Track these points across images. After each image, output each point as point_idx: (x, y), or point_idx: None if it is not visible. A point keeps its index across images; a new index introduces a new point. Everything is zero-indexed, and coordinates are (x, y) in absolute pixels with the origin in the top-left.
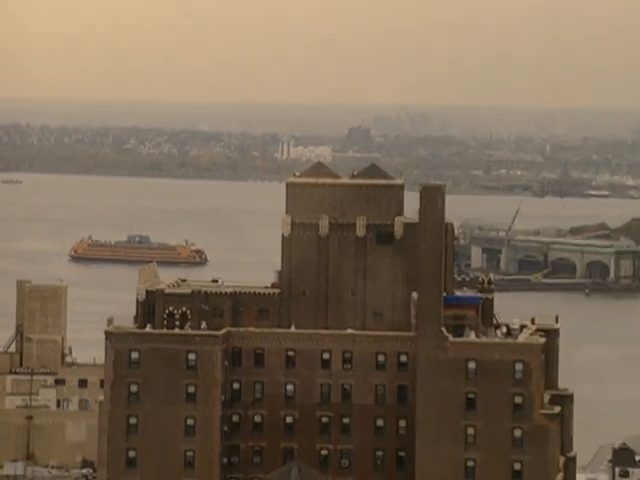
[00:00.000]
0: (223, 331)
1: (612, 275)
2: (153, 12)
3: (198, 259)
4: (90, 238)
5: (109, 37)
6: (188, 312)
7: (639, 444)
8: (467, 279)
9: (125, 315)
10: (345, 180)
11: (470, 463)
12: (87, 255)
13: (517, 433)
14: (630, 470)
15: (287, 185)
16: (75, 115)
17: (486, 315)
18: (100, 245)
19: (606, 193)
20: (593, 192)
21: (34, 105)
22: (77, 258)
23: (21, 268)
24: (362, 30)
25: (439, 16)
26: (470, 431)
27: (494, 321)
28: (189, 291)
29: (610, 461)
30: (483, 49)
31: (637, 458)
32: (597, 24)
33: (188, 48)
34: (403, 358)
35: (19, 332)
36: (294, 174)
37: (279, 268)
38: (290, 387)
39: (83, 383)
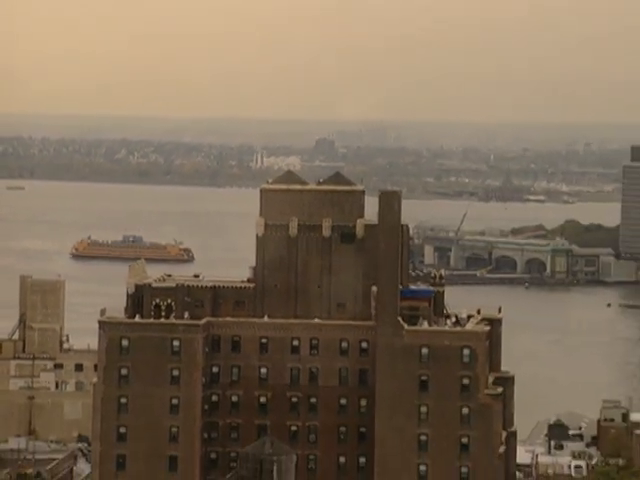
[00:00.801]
0: (204, 321)
1: (548, 271)
2: (139, 32)
3: (186, 257)
4: (89, 238)
5: (100, 58)
6: (173, 304)
7: (572, 420)
8: (420, 274)
9: (117, 306)
10: (312, 186)
11: (423, 437)
12: (87, 253)
13: (464, 411)
14: (564, 443)
15: (261, 191)
16: (72, 128)
17: (437, 306)
18: (98, 244)
19: (543, 198)
20: (531, 197)
21: (35, 120)
22: (78, 256)
23: (24, 265)
24: (328, 52)
25: (394, 40)
26: (423, 409)
27: (444, 312)
28: (174, 285)
29: (546, 435)
30: (435, 68)
31: (570, 432)
32: (538, 45)
33: (172, 66)
34: (364, 345)
35: (22, 321)
36: (267, 181)
37: (254, 264)
38: (263, 370)
39: (79, 367)
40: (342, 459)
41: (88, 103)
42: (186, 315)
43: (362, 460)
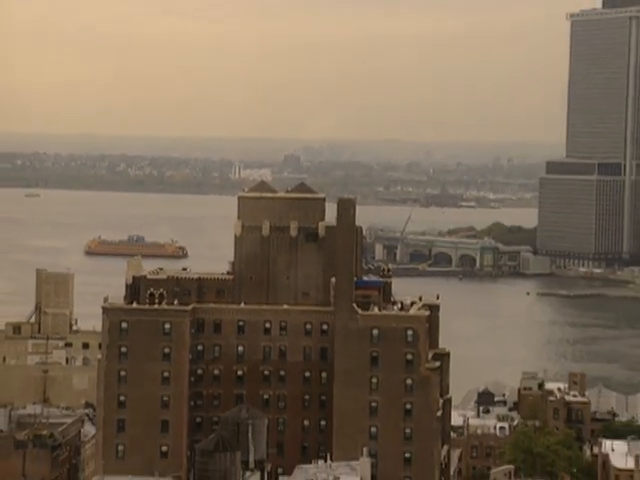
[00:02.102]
0: (190, 307)
1: (478, 265)
2: (133, 60)
3: (181, 253)
4: (100, 237)
5: (102, 84)
6: (164, 293)
7: (497, 388)
8: (372, 268)
9: (118, 295)
10: (281, 194)
11: (374, 404)
12: (98, 251)
13: (408, 382)
14: (490, 408)
15: (238, 198)
16: (79, 146)
17: (386, 295)
18: (107, 243)
19: (473, 204)
20: (464, 204)
21: (48, 138)
22: (90, 253)
23: (39, 259)
24: (294, 80)
25: (349, 69)
26: (374, 380)
27: (392, 299)
28: (165, 277)
29: (476, 401)
30: (383, 94)
31: (495, 399)
32: (470, 70)
33: (163, 91)
34: (324, 327)
35: (37, 307)
36: (243, 190)
37: (232, 260)
38: (240, 348)
39: (86, 345)
40: (306, 422)
41: (93, 124)
42: (175, 302)
43: (323, 423)
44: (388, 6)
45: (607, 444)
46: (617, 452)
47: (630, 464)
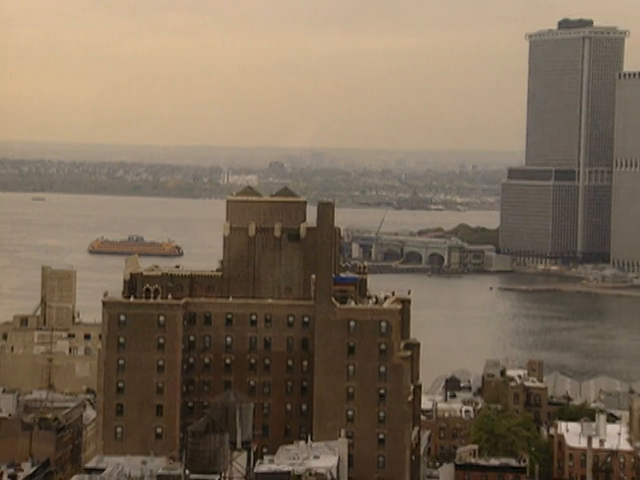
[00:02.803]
0: (183, 301)
1: (446, 263)
2: (130, 73)
3: (177, 252)
4: (102, 237)
5: (103, 96)
6: (159, 288)
7: (463, 375)
8: (349, 265)
9: (117, 290)
10: (267, 198)
11: (350, 389)
12: (101, 250)
13: (382, 369)
14: (457, 393)
15: (227, 202)
16: (81, 154)
17: (362, 290)
18: (109, 242)
19: (441, 207)
20: (433, 207)
21: (53, 147)
22: (94, 252)
23: (45, 258)
24: (279, 94)
25: (329, 82)
26: (351, 368)
27: (367, 294)
28: (160, 274)
29: (443, 387)
30: (358, 106)
31: (461, 385)
32: (438, 84)
33: (158, 103)
34: (306, 319)
35: (43, 302)
36: (231, 194)
37: (222, 258)
38: (229, 339)
39: (87, 336)
40: (289, 406)
41: (93, 133)
42: (169, 297)
43: (304, 407)
44: (363, 25)
45: (562, 426)
46: (571, 433)
47: (583, 444)
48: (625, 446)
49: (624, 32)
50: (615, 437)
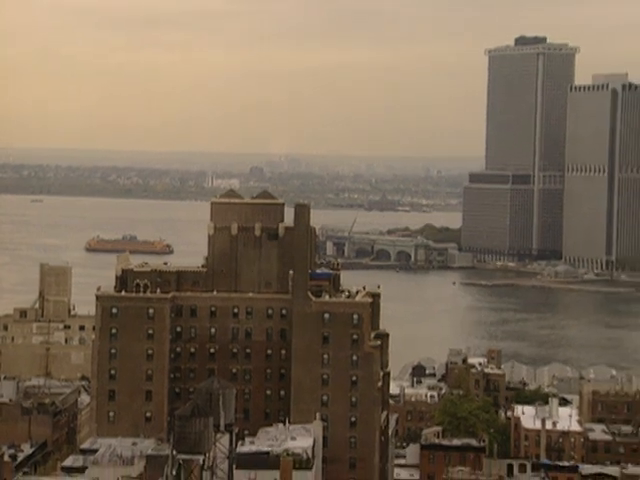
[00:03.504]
0: (170, 295)
1: (412, 260)
2: (121, 84)
3: (168, 250)
4: (98, 236)
5: (98, 107)
6: (148, 283)
7: (428, 363)
8: (323, 262)
9: (110, 285)
10: (248, 200)
11: (325, 376)
12: (97, 248)
13: (354, 357)
14: (422, 379)
15: (211, 204)
16: (77, 159)
17: (335, 284)
18: (105, 241)
19: (408, 209)
20: (400, 208)
21: (50, 152)
22: (90, 250)
23: (44, 255)
24: (259, 103)
25: (305, 93)
26: (325, 356)
27: (340, 288)
28: (149, 270)
29: (410, 374)
30: (332, 115)
31: (427, 372)
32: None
33: (147, 111)
34: (284, 311)
35: (41, 296)
36: (215, 197)
37: (206, 255)
38: (213, 330)
39: (82, 328)
40: (268, 392)
41: (88, 140)
42: (158, 291)
43: (282, 393)
44: (337, 41)
45: (518, 409)
46: (527, 415)
47: (537, 425)
48: (575, 427)
49: (575, 48)
50: (566, 419)
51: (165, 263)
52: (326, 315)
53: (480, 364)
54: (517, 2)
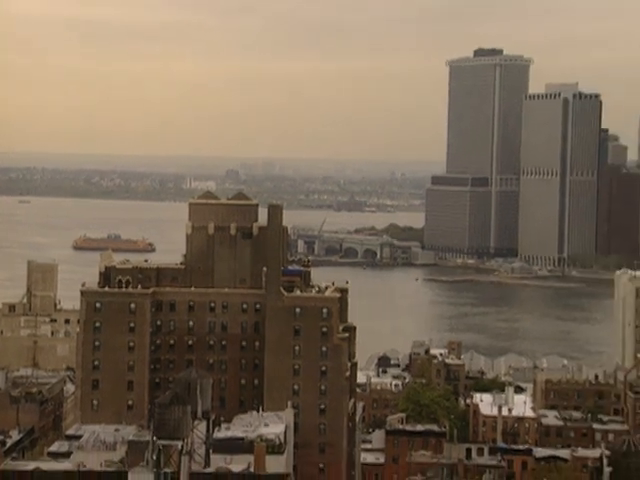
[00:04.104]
0: (151, 290)
1: (378, 257)
2: (104, 88)
3: (150, 248)
4: (85, 235)
5: (82, 113)
6: (130, 279)
7: (393, 354)
8: (295, 260)
9: (94, 281)
10: (223, 201)
11: (296, 366)
12: (83, 246)
13: (323, 349)
14: (387, 369)
15: (189, 204)
16: (62, 162)
17: (306, 280)
18: (91, 240)
19: (374, 209)
20: (367, 209)
21: (38, 156)
22: (77, 248)
23: (32, 253)
24: (233, 107)
25: (279, 100)
26: (297, 348)
27: (311, 284)
28: (131, 267)
29: (376, 364)
30: (303, 121)
31: (392, 362)
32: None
33: (128, 117)
34: (257, 306)
35: (29, 291)
36: (193, 198)
37: (184, 253)
38: (191, 323)
39: (67, 321)
40: (243, 381)
41: (73, 144)
42: (139, 287)
43: (256, 382)
44: (310, 51)
45: (477, 396)
46: (485, 403)
47: (494, 412)
48: (529, 413)
49: (529, 60)
50: (521, 406)
51: (146, 260)
52: (297, 309)
53: (441, 355)
54: (476, 16)
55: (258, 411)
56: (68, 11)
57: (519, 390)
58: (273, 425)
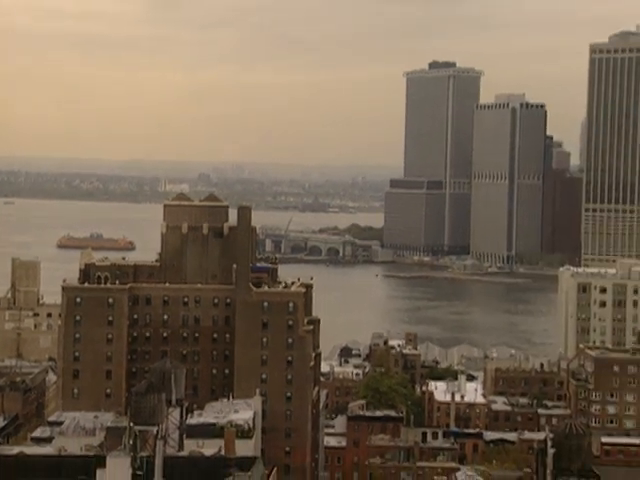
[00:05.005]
0: (128, 286)
1: (341, 255)
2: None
3: (131, 247)
4: (68, 234)
5: (64, 118)
6: (108, 275)
7: (354, 344)
8: (263, 257)
9: (74, 277)
10: (196, 202)
11: (264, 357)
12: (67, 245)
13: (289, 340)
14: (349, 359)
15: (164, 206)
16: (45, 166)
17: (273, 277)
18: (74, 239)
19: (337, 210)
20: (330, 210)
21: (21, 160)
22: (61, 246)
23: (16, 251)
24: (206, 114)
25: (246, 108)
26: (264, 339)
27: (278, 280)
28: (109, 264)
29: (338, 354)
30: (269, 128)
31: (353, 352)
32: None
33: (108, 123)
34: (228, 300)
35: (13, 286)
36: (168, 199)
37: (160, 251)
38: (166, 316)
39: (50, 315)
40: (214, 371)
41: (55, 148)
42: (117, 282)
43: (227, 371)
44: (276, 63)
45: (432, 384)
46: (439, 390)
47: (448, 398)
48: (480, 400)
49: (480, 72)
50: (473, 393)
51: (123, 258)
52: (265, 303)
53: (399, 346)
54: (431, 31)
55: (228, 399)
56: (52, 24)
57: (470, 378)
58: (242, 412)
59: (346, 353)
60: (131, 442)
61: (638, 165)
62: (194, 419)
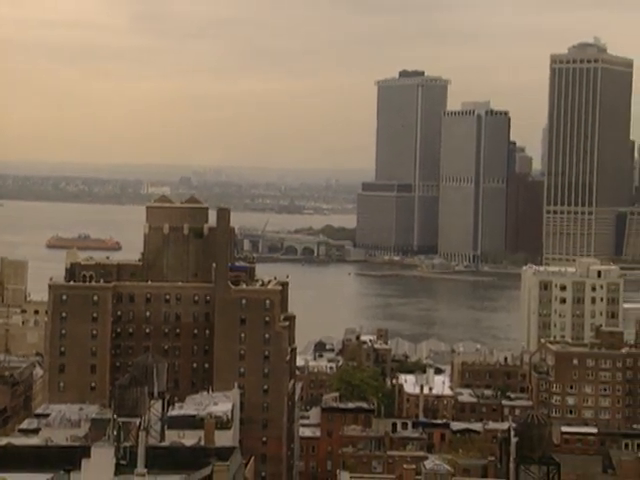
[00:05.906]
0: (112, 284)
1: (315, 254)
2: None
3: (117, 247)
4: (57, 235)
5: (50, 124)
6: (93, 274)
7: (328, 339)
8: (241, 257)
9: (60, 276)
10: (177, 204)
11: (242, 352)
12: (56, 245)
13: (266, 336)
14: (323, 353)
15: (147, 207)
16: (32, 170)
17: (251, 275)
18: (63, 239)
19: (312, 212)
20: (305, 211)
21: (9, 163)
22: (50, 246)
23: (5, 250)
24: (187, 121)
25: (227, 115)
26: (242, 335)
27: (255, 278)
28: (94, 263)
29: (313, 349)
30: (247, 134)
31: (327, 347)
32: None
33: (93, 129)
34: (208, 298)
35: (1, 284)
36: (150, 201)
37: (142, 251)
38: (148, 313)
39: (37, 312)
40: (194, 365)
41: (42, 152)
42: (101, 281)
43: (206, 365)
44: (254, 72)
45: (402, 377)
46: (408, 383)
47: (417, 391)
48: (447, 392)
49: (447, 81)
50: (440, 385)
51: (107, 257)
52: (243, 301)
53: (370, 341)
54: (400, 41)
55: (208, 391)
56: (35, 32)
57: (438, 371)
58: (221, 404)
59: (320, 348)
60: (115, 433)
61: (596, 169)
62: (175, 411)
